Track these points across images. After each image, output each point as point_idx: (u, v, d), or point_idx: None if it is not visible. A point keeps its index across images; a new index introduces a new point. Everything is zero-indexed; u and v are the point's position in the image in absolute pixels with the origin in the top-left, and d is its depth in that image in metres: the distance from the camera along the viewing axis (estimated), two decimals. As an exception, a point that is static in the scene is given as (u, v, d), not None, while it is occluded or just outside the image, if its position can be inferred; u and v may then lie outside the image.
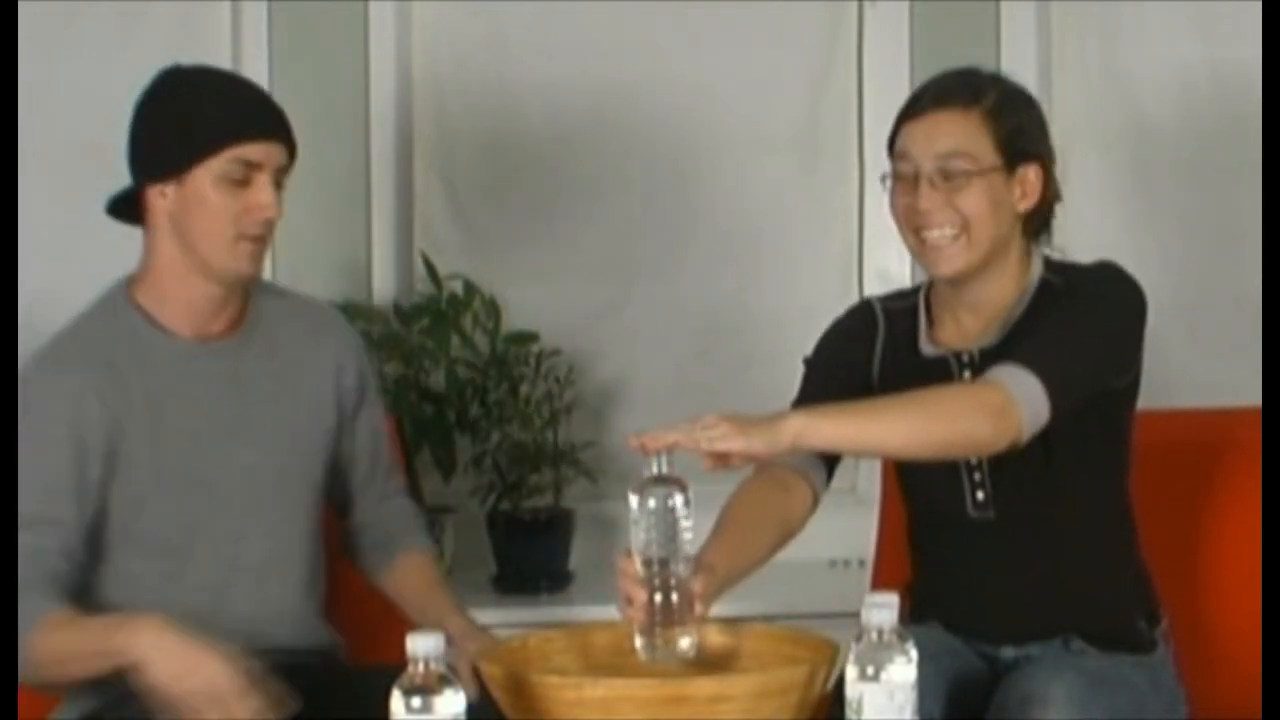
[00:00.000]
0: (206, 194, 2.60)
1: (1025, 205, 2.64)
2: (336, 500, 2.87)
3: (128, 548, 2.65)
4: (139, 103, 2.67)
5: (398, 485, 2.93)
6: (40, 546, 2.56)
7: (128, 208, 2.70)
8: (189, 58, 3.65)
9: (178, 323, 2.67)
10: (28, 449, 2.58)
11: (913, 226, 2.63)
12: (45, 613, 2.50)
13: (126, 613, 2.54)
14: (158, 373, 2.65)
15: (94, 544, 2.63)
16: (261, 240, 2.64)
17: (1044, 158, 2.65)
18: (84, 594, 2.62)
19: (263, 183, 2.61)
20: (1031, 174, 2.63)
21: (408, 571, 2.82)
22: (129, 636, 2.45)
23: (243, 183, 2.60)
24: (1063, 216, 2.74)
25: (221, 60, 3.67)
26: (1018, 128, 2.62)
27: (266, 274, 3.57)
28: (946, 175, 2.60)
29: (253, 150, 2.60)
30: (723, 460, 2.37)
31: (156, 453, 2.64)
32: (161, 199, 2.63)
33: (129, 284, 2.71)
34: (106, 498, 2.63)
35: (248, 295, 2.74)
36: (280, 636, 2.70)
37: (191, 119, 2.61)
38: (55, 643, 2.50)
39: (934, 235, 2.62)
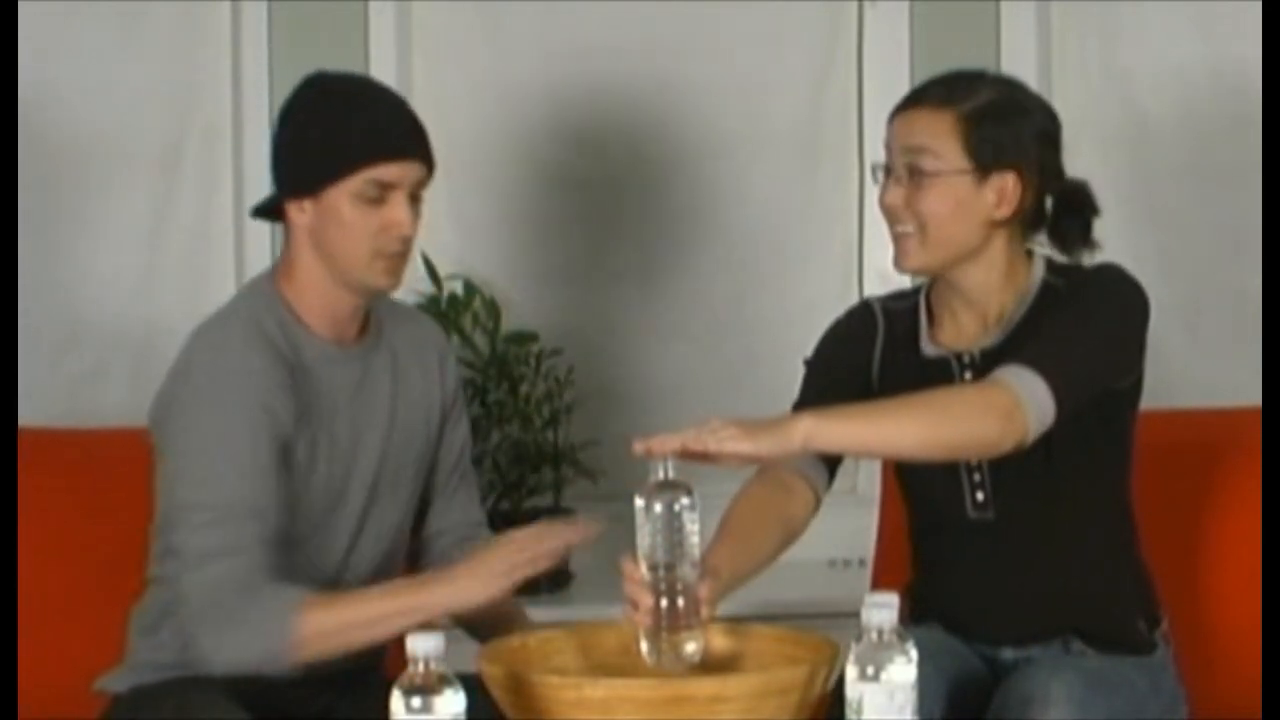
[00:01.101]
0: (343, 212, 2.60)
1: (1002, 213, 2.63)
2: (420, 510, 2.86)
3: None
4: (282, 115, 2.68)
5: (475, 509, 2.91)
6: (264, 536, 2.54)
7: (271, 210, 2.72)
8: (189, 58, 3.70)
9: (318, 324, 2.68)
10: (236, 434, 2.55)
11: (886, 220, 2.65)
12: (301, 598, 2.51)
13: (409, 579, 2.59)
14: (304, 371, 2.65)
15: None
16: (399, 256, 2.64)
17: (1023, 167, 2.61)
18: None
19: (398, 200, 2.61)
20: (1010, 182, 2.62)
21: None
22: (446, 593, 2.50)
23: (378, 201, 2.60)
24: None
25: (221, 60, 3.68)
26: (995, 135, 2.59)
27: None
28: (912, 172, 2.61)
29: (387, 171, 2.60)
30: (709, 459, 2.36)
31: (307, 450, 2.64)
32: (300, 214, 2.64)
33: (275, 278, 2.70)
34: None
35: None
36: None
37: (328, 139, 2.61)
38: (339, 618, 2.51)
39: (897, 230, 2.63)
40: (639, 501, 2.29)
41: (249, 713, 2.54)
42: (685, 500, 2.28)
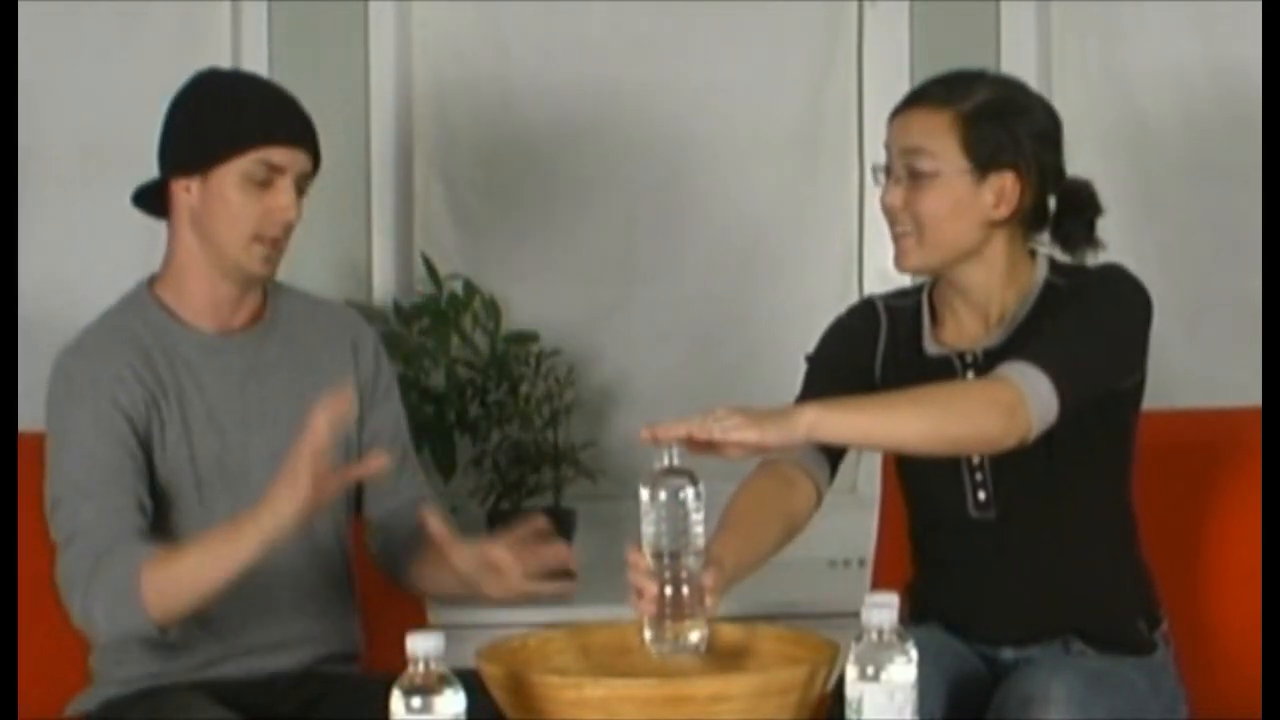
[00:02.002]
0: (229, 192, 2.66)
1: (1001, 213, 2.63)
2: (356, 495, 2.87)
3: (160, 535, 2.68)
4: (174, 98, 2.75)
5: (420, 485, 2.92)
6: (115, 506, 2.61)
7: (153, 201, 2.77)
8: (189, 58, 3.68)
9: (199, 317, 2.74)
10: (82, 428, 2.65)
11: (886, 220, 2.65)
12: (149, 555, 2.55)
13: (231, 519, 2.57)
14: (182, 364, 2.71)
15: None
16: (277, 243, 2.70)
17: (1021, 167, 2.62)
18: None
19: (284, 186, 2.67)
20: (1008, 182, 2.62)
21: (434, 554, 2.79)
22: (257, 522, 2.50)
23: (265, 184, 2.66)
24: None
25: (221, 60, 3.67)
26: (993, 135, 2.60)
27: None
28: (911, 172, 2.61)
29: (277, 154, 2.66)
30: (713, 449, 2.36)
31: (188, 441, 2.70)
32: (185, 193, 2.70)
33: (150, 282, 2.78)
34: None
35: (266, 293, 2.80)
36: (307, 629, 2.74)
37: (221, 118, 2.68)
38: (169, 573, 2.54)
39: (896, 231, 2.64)
40: (644, 489, 2.28)
41: (224, 710, 2.55)
42: (690, 488, 2.28)
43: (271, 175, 2.66)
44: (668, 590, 2.30)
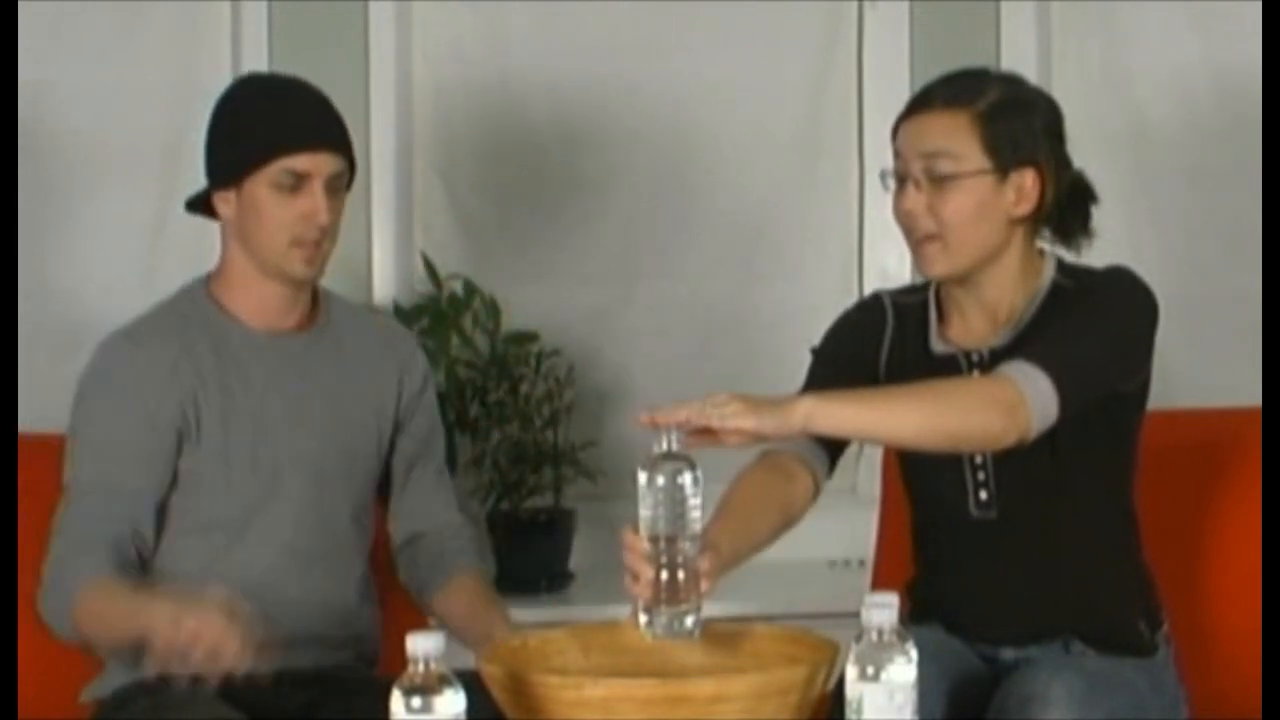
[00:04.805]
0: (261, 203, 2.73)
1: (1021, 211, 2.62)
2: (385, 495, 2.92)
3: (184, 521, 2.74)
4: (212, 113, 2.80)
5: (455, 510, 2.96)
6: (104, 514, 2.67)
7: (206, 205, 2.83)
8: (189, 58, 3.70)
9: (250, 317, 2.79)
10: (100, 418, 2.72)
11: (903, 227, 2.64)
12: (93, 576, 2.61)
13: (160, 590, 2.63)
14: (229, 357, 2.76)
15: (159, 515, 2.74)
16: (316, 245, 2.75)
17: (1041, 163, 2.62)
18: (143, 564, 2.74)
19: (314, 190, 2.72)
20: (1028, 180, 2.62)
21: (460, 593, 2.85)
22: (147, 607, 2.52)
23: (294, 189, 2.72)
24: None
25: (221, 60, 3.68)
26: (1011, 132, 2.59)
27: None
28: (931, 176, 2.60)
29: (299, 161, 2.71)
30: (712, 436, 2.36)
31: (224, 431, 2.74)
32: (226, 206, 2.77)
33: (207, 280, 2.84)
34: (175, 470, 2.73)
35: (318, 299, 2.86)
36: (325, 628, 2.77)
37: (244, 131, 2.75)
38: (94, 606, 2.61)
39: (915, 237, 2.62)
40: (641, 473, 2.27)
41: (229, 709, 2.56)
42: (688, 473, 2.27)
43: (299, 181, 2.72)
44: (663, 574, 2.29)
